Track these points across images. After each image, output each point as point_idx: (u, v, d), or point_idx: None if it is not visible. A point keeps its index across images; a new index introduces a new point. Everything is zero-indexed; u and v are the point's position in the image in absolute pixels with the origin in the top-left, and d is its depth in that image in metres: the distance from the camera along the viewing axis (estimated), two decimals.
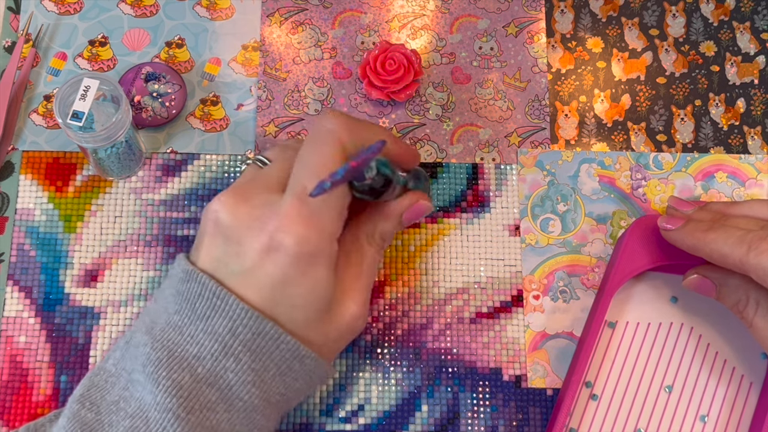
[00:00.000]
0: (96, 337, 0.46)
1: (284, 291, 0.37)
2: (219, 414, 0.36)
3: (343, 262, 0.40)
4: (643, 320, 0.47)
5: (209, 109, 0.51)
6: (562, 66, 0.53)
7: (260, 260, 0.36)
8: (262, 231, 0.36)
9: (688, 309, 0.48)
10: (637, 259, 0.45)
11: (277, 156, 0.41)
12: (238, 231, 0.37)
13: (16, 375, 0.46)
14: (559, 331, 0.47)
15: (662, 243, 0.44)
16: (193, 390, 0.36)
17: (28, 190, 0.49)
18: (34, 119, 0.50)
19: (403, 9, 0.53)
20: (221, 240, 0.38)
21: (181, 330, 0.37)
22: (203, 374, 0.36)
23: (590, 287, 0.48)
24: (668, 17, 0.54)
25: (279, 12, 0.53)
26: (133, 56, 0.51)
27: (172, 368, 0.36)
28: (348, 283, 0.40)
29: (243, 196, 0.38)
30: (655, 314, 0.48)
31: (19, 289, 0.47)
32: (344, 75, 0.52)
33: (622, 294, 0.48)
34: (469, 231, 0.49)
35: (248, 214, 0.37)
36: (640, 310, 0.48)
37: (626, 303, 0.48)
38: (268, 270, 0.36)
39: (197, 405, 0.36)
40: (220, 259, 0.38)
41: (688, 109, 0.52)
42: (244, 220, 0.37)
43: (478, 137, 0.51)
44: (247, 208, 0.37)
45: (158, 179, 0.49)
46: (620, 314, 0.47)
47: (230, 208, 0.38)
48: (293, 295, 0.37)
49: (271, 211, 0.37)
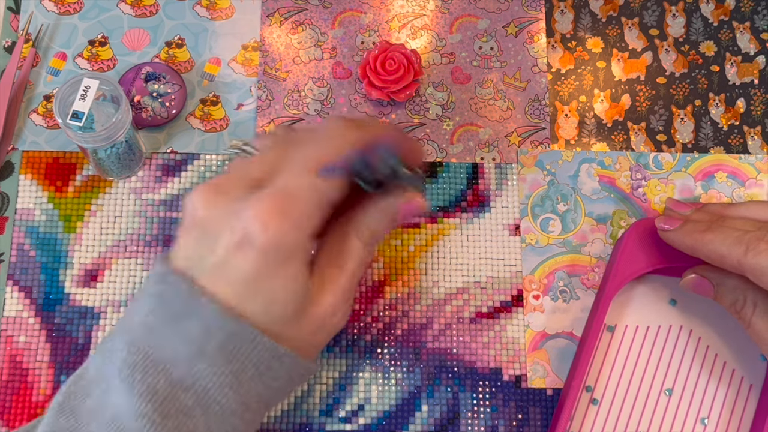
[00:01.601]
0: (96, 337, 0.46)
1: (257, 286, 0.36)
2: (196, 419, 0.35)
3: (326, 255, 0.39)
4: (642, 323, 0.47)
5: (209, 109, 0.51)
6: (562, 66, 0.53)
7: (233, 254, 0.35)
8: (236, 224, 0.35)
9: (687, 311, 0.48)
10: (636, 262, 0.45)
11: (265, 146, 0.40)
12: (214, 224, 0.36)
13: (16, 375, 0.46)
14: (559, 331, 0.47)
15: (661, 245, 0.44)
16: (169, 395, 0.35)
17: (28, 190, 0.49)
18: (34, 119, 0.50)
19: (403, 9, 0.53)
20: (198, 233, 0.37)
21: (156, 332, 0.36)
22: (178, 378, 0.35)
23: (590, 287, 0.48)
24: (668, 17, 0.54)
25: (279, 12, 0.53)
26: (133, 56, 0.51)
27: (147, 372, 0.35)
28: (328, 276, 0.39)
29: (222, 188, 0.37)
30: (654, 317, 0.48)
31: (19, 289, 0.47)
32: (344, 75, 0.52)
33: (621, 297, 0.48)
34: (469, 231, 0.49)
35: (225, 207, 0.36)
36: (639, 313, 0.48)
37: (625, 306, 0.48)
38: (240, 264, 0.35)
39: (173, 410, 0.35)
40: (195, 253, 0.37)
41: (688, 109, 0.52)
42: (221, 213, 0.36)
43: (478, 137, 0.51)
44: (224, 201, 0.36)
45: (158, 179, 0.49)
46: (619, 318, 0.47)
47: (208, 200, 0.37)
48: (266, 290, 0.36)
49: (248, 204, 0.36)
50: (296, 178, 0.36)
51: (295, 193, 0.36)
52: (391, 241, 0.49)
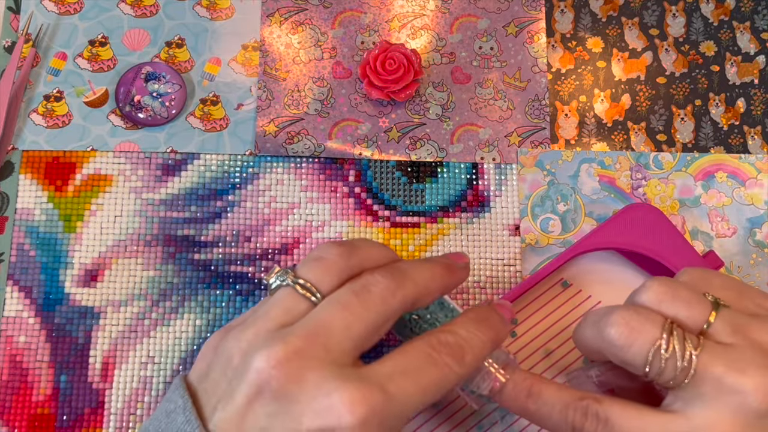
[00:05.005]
0: (96, 337, 0.46)
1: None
2: None
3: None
4: (598, 297, 0.47)
5: (209, 109, 0.51)
6: (562, 66, 0.53)
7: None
8: (321, 411, 0.30)
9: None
10: (617, 236, 0.45)
11: (327, 287, 0.34)
12: (298, 403, 0.31)
13: (16, 375, 0.46)
14: None
15: (648, 234, 0.44)
16: None
17: (27, 189, 0.49)
18: (34, 119, 0.50)
19: (403, 9, 0.53)
20: (270, 402, 0.31)
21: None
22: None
23: None
24: (668, 17, 0.54)
25: (279, 12, 0.53)
26: (133, 56, 0.51)
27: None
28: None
29: (306, 361, 0.31)
30: (613, 297, 0.47)
31: (18, 289, 0.47)
32: (344, 75, 0.52)
33: (589, 265, 0.47)
34: (469, 231, 0.49)
35: (316, 387, 0.31)
36: (601, 287, 0.48)
37: (591, 274, 0.48)
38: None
39: None
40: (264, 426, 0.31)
41: (688, 109, 0.52)
42: (310, 392, 0.31)
43: (478, 137, 0.51)
44: (315, 380, 0.31)
45: (158, 179, 0.49)
46: (581, 281, 0.47)
47: (292, 375, 0.31)
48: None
49: (337, 399, 0.30)
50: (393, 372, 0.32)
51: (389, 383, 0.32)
52: (391, 241, 0.49)
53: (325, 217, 0.49)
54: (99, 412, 0.45)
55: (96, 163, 0.49)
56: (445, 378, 0.33)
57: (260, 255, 0.48)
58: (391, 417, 0.31)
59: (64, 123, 0.50)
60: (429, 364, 0.33)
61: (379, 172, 0.50)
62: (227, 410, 0.31)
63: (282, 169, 0.50)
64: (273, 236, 0.49)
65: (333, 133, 0.51)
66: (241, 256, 0.48)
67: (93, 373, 0.46)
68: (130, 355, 0.46)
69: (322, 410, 0.30)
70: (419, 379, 0.32)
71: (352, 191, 0.50)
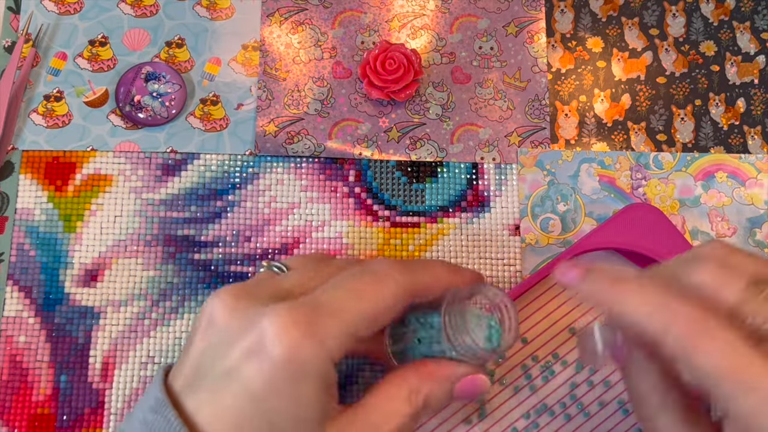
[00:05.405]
0: (96, 337, 0.46)
1: (260, 404, 0.32)
2: None
3: (364, 408, 0.36)
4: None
5: (209, 109, 0.51)
6: (562, 66, 0.53)
7: (244, 361, 0.33)
8: (252, 330, 0.33)
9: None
10: (617, 236, 0.45)
11: (298, 266, 0.39)
12: (231, 329, 0.34)
13: (16, 375, 0.46)
14: None
15: (648, 234, 0.44)
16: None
17: (27, 189, 0.49)
18: (34, 119, 0.50)
19: (403, 9, 0.53)
20: (213, 337, 0.34)
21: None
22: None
23: None
24: (668, 17, 0.54)
25: (279, 12, 0.53)
26: (133, 56, 0.51)
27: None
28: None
29: (246, 294, 0.35)
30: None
31: (18, 289, 0.47)
32: (344, 75, 0.52)
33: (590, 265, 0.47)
34: (469, 231, 0.49)
35: (245, 312, 0.34)
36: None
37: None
38: (249, 373, 0.32)
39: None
40: (203, 362, 0.34)
41: (688, 109, 0.52)
42: (240, 317, 0.34)
43: (478, 137, 0.51)
44: (245, 307, 0.34)
45: (158, 179, 0.49)
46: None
47: (228, 305, 0.34)
48: (270, 410, 0.32)
49: (268, 311, 0.33)
50: (334, 293, 0.34)
51: (327, 308, 0.33)
52: (391, 241, 0.49)
53: (325, 217, 0.49)
54: (99, 412, 0.45)
55: (96, 163, 0.49)
56: (383, 284, 0.35)
57: (260, 255, 0.48)
58: (328, 325, 0.33)
59: (64, 123, 0.50)
60: (364, 273, 0.36)
61: (379, 172, 0.50)
62: (185, 348, 0.36)
63: (282, 169, 0.50)
64: (273, 236, 0.49)
65: (333, 133, 0.51)
66: (241, 256, 0.48)
67: (93, 373, 0.46)
68: (130, 355, 0.46)
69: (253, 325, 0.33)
70: (353, 284, 0.35)
71: (352, 191, 0.50)
